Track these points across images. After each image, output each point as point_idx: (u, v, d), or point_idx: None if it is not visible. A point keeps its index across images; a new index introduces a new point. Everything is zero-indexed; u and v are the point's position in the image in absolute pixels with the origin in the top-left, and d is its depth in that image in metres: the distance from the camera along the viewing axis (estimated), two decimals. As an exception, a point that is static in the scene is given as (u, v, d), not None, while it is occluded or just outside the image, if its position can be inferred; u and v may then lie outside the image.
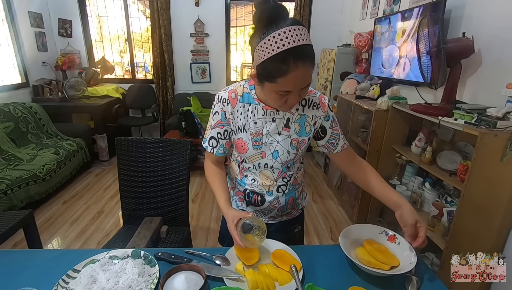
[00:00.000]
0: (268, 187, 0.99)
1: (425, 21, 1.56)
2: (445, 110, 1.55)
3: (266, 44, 0.71)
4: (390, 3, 2.67)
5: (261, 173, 0.98)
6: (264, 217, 1.05)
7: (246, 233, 0.83)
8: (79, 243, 2.18)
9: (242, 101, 0.92)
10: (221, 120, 0.94)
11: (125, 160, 1.47)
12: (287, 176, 0.99)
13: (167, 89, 4.22)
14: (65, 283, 0.76)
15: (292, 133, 0.93)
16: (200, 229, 2.40)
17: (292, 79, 0.73)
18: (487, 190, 1.36)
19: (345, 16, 3.96)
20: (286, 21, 0.72)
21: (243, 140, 0.93)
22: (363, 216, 2.40)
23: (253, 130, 0.92)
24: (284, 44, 0.69)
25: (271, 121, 0.91)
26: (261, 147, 0.93)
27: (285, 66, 0.71)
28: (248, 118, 0.91)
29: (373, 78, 2.70)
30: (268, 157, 0.94)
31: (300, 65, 0.71)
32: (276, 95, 0.78)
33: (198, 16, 4.01)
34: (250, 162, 0.96)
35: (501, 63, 1.50)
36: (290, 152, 0.93)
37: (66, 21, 3.92)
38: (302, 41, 0.71)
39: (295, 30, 0.70)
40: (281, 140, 0.93)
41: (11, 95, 3.21)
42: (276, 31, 0.70)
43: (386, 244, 0.92)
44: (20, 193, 2.31)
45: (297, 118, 0.92)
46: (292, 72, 0.71)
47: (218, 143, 0.97)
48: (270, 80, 0.75)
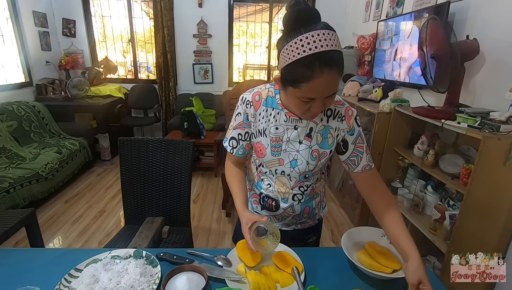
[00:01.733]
0: (284, 194, 0.96)
1: (428, 23, 1.56)
2: (448, 113, 1.54)
3: (293, 47, 0.69)
4: (394, 5, 2.67)
5: (277, 179, 0.95)
6: (278, 223, 1.03)
7: (259, 237, 0.81)
8: (80, 242, 2.19)
9: (265, 105, 0.89)
10: (243, 121, 0.92)
11: (128, 160, 1.47)
12: (304, 186, 0.96)
13: (170, 90, 4.23)
14: (68, 282, 0.76)
15: (313, 144, 0.89)
16: (202, 229, 2.40)
17: (316, 86, 0.69)
18: (490, 194, 1.35)
19: (348, 18, 3.96)
20: (317, 25, 0.69)
21: (262, 145, 0.91)
22: (365, 218, 2.39)
23: (274, 135, 0.89)
24: (311, 48, 0.66)
25: (293, 129, 0.88)
26: (280, 154, 0.90)
27: (310, 71, 0.68)
28: (269, 122, 0.89)
29: (376, 81, 2.70)
30: (286, 165, 0.91)
31: (326, 72, 0.67)
32: (299, 102, 0.75)
33: (201, 17, 4.02)
34: (267, 167, 0.94)
35: (505, 66, 1.50)
36: (309, 163, 0.89)
37: (70, 21, 3.94)
38: (331, 47, 0.67)
39: (324, 35, 0.67)
40: (301, 150, 0.89)
41: (15, 94, 3.23)
42: (304, 34, 0.67)
43: (388, 247, 0.92)
44: (22, 192, 2.32)
45: (320, 129, 0.88)
46: (317, 78, 0.68)
47: (238, 144, 0.95)
48: (293, 85, 0.72)
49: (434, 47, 1.53)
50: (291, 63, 0.70)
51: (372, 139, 2.21)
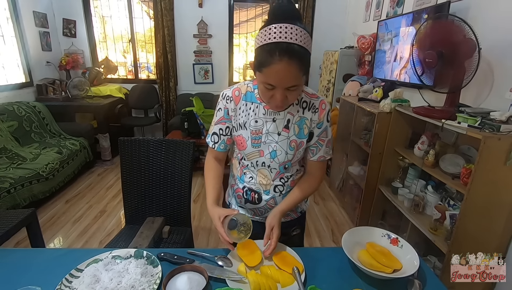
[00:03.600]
0: (265, 186, 1.00)
1: (428, 23, 1.56)
2: (449, 113, 1.54)
3: (263, 34, 0.75)
4: (394, 5, 2.67)
5: (259, 172, 0.99)
6: (261, 217, 1.06)
7: (232, 229, 0.87)
8: (81, 242, 2.19)
9: (245, 100, 0.94)
10: (224, 116, 0.97)
11: (128, 160, 1.47)
12: (285, 177, 1.00)
13: (170, 90, 4.23)
14: (69, 282, 0.76)
15: (291, 135, 0.94)
16: (202, 229, 2.41)
17: (275, 72, 0.74)
18: (491, 193, 1.35)
19: (348, 18, 3.96)
20: (294, 21, 0.74)
21: (243, 137, 0.95)
22: (365, 218, 2.39)
23: (253, 128, 0.94)
24: (276, 37, 0.72)
25: (272, 121, 0.93)
26: (260, 146, 0.95)
27: (270, 57, 0.73)
28: (249, 116, 0.94)
29: (376, 80, 2.70)
30: (266, 156, 0.96)
31: (285, 60, 0.72)
32: (263, 88, 0.80)
33: (201, 17, 4.02)
34: (248, 159, 0.98)
35: (505, 66, 1.50)
36: (288, 153, 0.94)
37: (70, 21, 3.94)
38: (295, 40, 0.72)
39: (292, 29, 0.72)
40: (280, 141, 0.94)
41: (15, 94, 3.23)
42: (274, 24, 0.73)
43: (389, 247, 0.92)
44: (23, 192, 2.33)
45: (297, 120, 0.93)
46: (276, 65, 0.73)
47: (219, 139, 1.00)
48: (258, 69, 0.78)
49: (434, 47, 1.52)
50: (258, 48, 0.77)
51: (372, 139, 2.21)
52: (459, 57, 1.48)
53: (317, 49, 4.12)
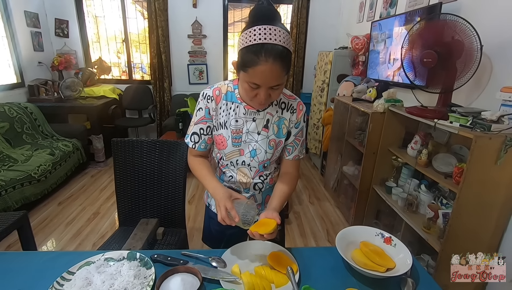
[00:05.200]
0: (245, 184, 1.02)
1: (420, 24, 1.58)
2: (441, 113, 1.56)
3: (247, 35, 0.77)
4: (387, 6, 2.69)
5: (238, 170, 1.01)
6: None
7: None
8: (74, 244, 2.16)
9: (225, 99, 0.96)
10: (205, 116, 0.97)
11: (122, 161, 1.46)
12: (264, 175, 1.03)
13: (164, 90, 4.21)
14: (60, 285, 0.75)
15: (270, 134, 0.97)
16: (197, 230, 2.39)
17: (261, 72, 0.77)
18: (482, 192, 1.37)
19: (342, 19, 3.99)
20: (275, 23, 0.77)
21: (223, 136, 0.97)
22: (360, 218, 2.41)
23: (234, 127, 0.95)
24: (261, 38, 0.75)
25: (252, 121, 0.95)
26: (240, 145, 0.97)
27: (256, 58, 0.75)
28: (230, 115, 0.95)
29: (370, 81, 2.72)
30: (246, 155, 0.98)
31: (270, 61, 0.75)
32: (248, 87, 0.82)
33: (195, 17, 4.01)
34: (227, 159, 1.00)
35: (495, 66, 1.52)
36: (267, 152, 0.97)
37: (63, 21, 3.90)
38: (279, 42, 0.76)
39: (275, 31, 0.76)
40: (260, 140, 0.96)
41: (6, 95, 3.18)
42: (258, 26, 0.76)
43: (382, 246, 0.92)
44: (14, 194, 2.29)
45: (276, 120, 0.96)
46: (262, 65, 0.75)
47: (200, 139, 1.00)
48: (243, 69, 0.80)
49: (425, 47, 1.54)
50: (243, 48, 0.78)
51: (366, 138, 2.23)
52: (451, 57, 1.50)
53: (312, 50, 4.16)
